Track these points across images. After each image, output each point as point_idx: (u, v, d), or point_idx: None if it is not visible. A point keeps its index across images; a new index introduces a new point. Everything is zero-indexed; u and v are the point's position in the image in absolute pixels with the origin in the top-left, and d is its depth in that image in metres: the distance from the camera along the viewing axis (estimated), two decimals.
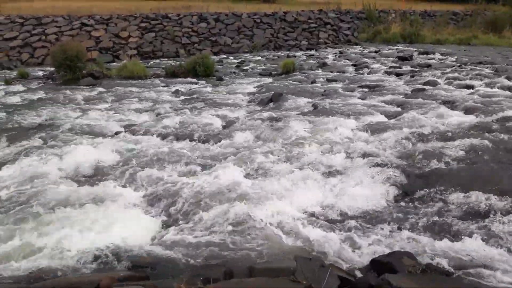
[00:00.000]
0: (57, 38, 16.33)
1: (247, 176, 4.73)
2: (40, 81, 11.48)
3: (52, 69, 12.14)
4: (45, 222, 3.68)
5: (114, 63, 14.82)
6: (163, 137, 6.33)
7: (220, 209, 3.83)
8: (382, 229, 3.63)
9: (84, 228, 3.57)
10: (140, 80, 11.31)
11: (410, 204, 4.12)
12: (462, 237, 3.42)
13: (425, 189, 4.33)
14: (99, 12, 20.00)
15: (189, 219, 3.81)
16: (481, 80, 10.02)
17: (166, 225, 3.80)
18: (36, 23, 17.13)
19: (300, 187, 4.39)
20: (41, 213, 3.84)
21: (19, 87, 10.54)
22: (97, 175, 4.96)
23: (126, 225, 3.64)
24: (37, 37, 16.41)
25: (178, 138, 6.29)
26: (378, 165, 4.86)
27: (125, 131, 6.60)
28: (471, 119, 6.66)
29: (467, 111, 7.17)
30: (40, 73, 12.73)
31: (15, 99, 9.19)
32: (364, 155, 5.19)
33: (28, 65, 14.69)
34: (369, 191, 4.33)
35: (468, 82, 9.83)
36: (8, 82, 11.03)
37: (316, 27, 21.43)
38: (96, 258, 3.15)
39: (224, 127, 6.87)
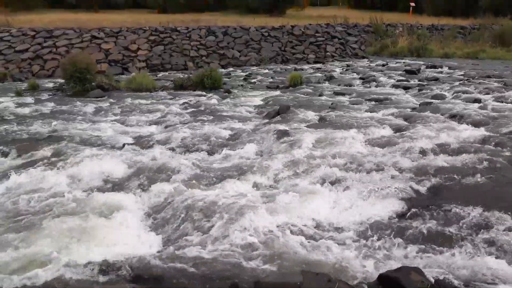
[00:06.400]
0: (68, 50, 16.58)
1: (254, 188, 4.73)
2: (50, 93, 11.64)
3: (62, 81, 12.30)
4: (50, 233, 3.68)
5: (123, 76, 14.99)
6: (171, 149, 6.36)
7: (226, 222, 3.82)
8: (389, 243, 3.59)
9: (90, 240, 3.58)
10: (148, 93, 11.42)
11: (417, 218, 4.08)
12: (472, 252, 3.37)
13: (433, 203, 4.29)
14: (109, 25, 20.31)
15: (195, 232, 3.80)
16: (490, 94, 9.98)
17: (172, 238, 3.80)
18: (47, 36, 17.42)
19: (307, 200, 4.37)
20: (47, 224, 3.84)
21: (29, 99, 10.69)
22: (104, 186, 4.98)
23: (132, 238, 3.64)
24: (48, 49, 16.67)
25: (186, 150, 6.32)
26: (385, 178, 4.84)
27: (133, 143, 6.64)
28: (479, 133, 6.62)
29: (476, 125, 7.13)
30: (50, 85, 12.91)
31: (25, 110, 9.31)
32: (371, 168, 5.17)
33: (39, 77, 14.91)
34: (376, 204, 4.30)
35: (476, 96, 9.79)
36: (19, 93, 11.20)
37: (323, 41, 21.56)
38: (101, 270, 3.15)
39: (231, 139, 6.89)
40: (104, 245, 3.50)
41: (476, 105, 8.81)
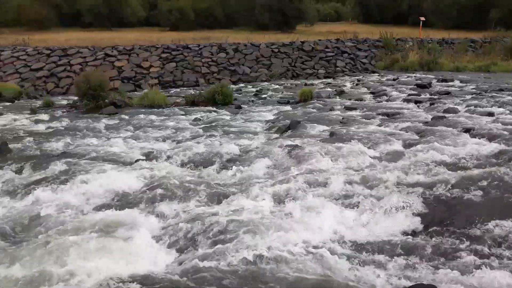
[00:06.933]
0: (82, 68, 16.91)
1: (266, 204, 4.71)
2: (64, 110, 11.84)
3: (76, 98, 12.52)
4: (61, 250, 3.70)
5: (135, 92, 15.21)
6: (183, 164, 6.40)
7: (239, 239, 3.81)
8: (403, 259, 3.54)
9: (101, 257, 3.59)
10: (160, 109, 11.55)
11: (431, 234, 4.02)
12: (486, 269, 3.30)
13: (446, 219, 4.22)
14: (122, 43, 20.70)
15: (207, 248, 3.79)
16: (503, 107, 9.88)
17: (183, 255, 3.79)
18: (62, 54, 17.81)
19: (319, 216, 4.34)
20: (58, 241, 3.86)
21: (44, 116, 10.88)
22: (116, 203, 5.00)
23: (145, 254, 3.65)
24: (63, 67, 17.02)
25: (197, 165, 6.35)
26: (397, 193, 4.78)
27: (146, 159, 6.70)
28: (493, 147, 6.53)
29: (489, 138, 7.04)
30: (64, 102, 13.13)
31: (40, 127, 9.48)
32: (383, 184, 5.12)
33: (53, 95, 15.20)
34: (388, 220, 4.26)
35: (489, 109, 9.69)
36: (33, 111, 11.41)
37: (333, 56, 21.65)
38: (113, 286, 3.15)
39: (242, 154, 6.91)
40: (115, 261, 3.50)
41: (489, 118, 8.72)
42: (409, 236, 4.00)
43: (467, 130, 7.68)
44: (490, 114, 9.10)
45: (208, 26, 37.08)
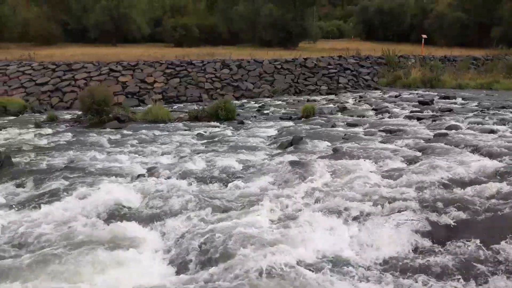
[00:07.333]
0: (86, 83, 17.06)
1: (268, 221, 4.69)
2: (68, 124, 11.91)
3: (80, 112, 12.61)
4: (64, 266, 3.70)
5: (139, 107, 15.31)
6: (185, 179, 6.40)
7: (240, 255, 3.79)
8: (409, 279, 3.51)
9: (105, 271, 3.58)
10: (164, 124, 11.61)
11: (435, 253, 3.99)
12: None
13: (449, 237, 4.19)
14: (126, 59, 20.93)
15: (209, 264, 3.78)
16: (505, 125, 9.89)
17: (185, 270, 3.78)
18: (67, 69, 18.00)
19: (322, 233, 4.32)
20: (61, 256, 3.85)
21: (48, 130, 10.95)
22: (118, 217, 4.99)
23: (147, 269, 3.63)
24: (67, 82, 17.18)
25: (200, 181, 6.35)
26: (400, 211, 4.77)
27: (148, 174, 6.71)
28: (496, 164, 6.51)
29: (492, 156, 7.03)
30: (68, 117, 13.23)
31: (43, 142, 9.53)
32: (386, 201, 5.10)
33: (57, 109, 15.31)
34: (392, 238, 4.22)
35: (491, 126, 9.70)
36: (38, 125, 11.49)
37: (336, 73, 21.79)
38: None
39: (245, 170, 6.92)
40: (118, 276, 3.49)
41: (492, 136, 8.72)
42: (413, 255, 3.97)
43: (470, 148, 7.68)
44: (493, 131, 9.10)
45: (212, 42, 37.50)
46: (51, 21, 36.31)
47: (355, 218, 4.72)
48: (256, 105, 15.90)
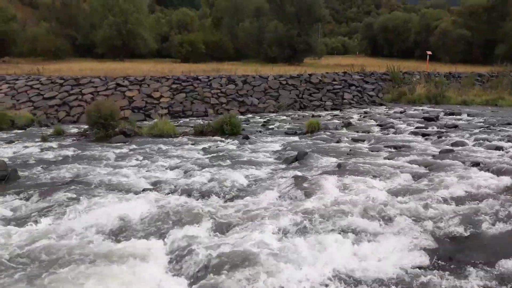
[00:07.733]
0: (93, 97, 17.25)
1: (273, 236, 4.66)
2: (74, 138, 12.01)
3: (86, 126, 12.71)
4: (69, 279, 3.68)
5: (145, 122, 15.42)
6: (189, 194, 6.39)
7: (245, 272, 3.76)
8: None
9: (107, 286, 3.56)
10: (169, 138, 11.67)
11: (440, 270, 3.94)
12: None
13: (455, 254, 4.15)
14: (133, 74, 21.17)
15: (214, 281, 3.75)
16: (511, 141, 9.84)
17: (191, 285, 3.75)
18: (75, 84, 18.23)
19: (327, 250, 4.28)
20: (66, 270, 3.84)
21: (54, 144, 11.03)
22: (123, 232, 4.99)
23: (151, 283, 3.61)
24: (74, 96, 17.38)
25: (204, 195, 6.35)
26: (406, 228, 4.73)
27: (153, 188, 6.72)
28: (502, 181, 6.47)
29: (498, 173, 6.98)
30: (75, 130, 13.34)
31: (49, 155, 9.59)
32: (392, 217, 5.07)
33: (64, 123, 15.47)
34: (398, 255, 4.18)
35: (497, 143, 9.66)
36: (44, 138, 11.58)
37: (340, 88, 21.90)
38: None
39: (249, 185, 6.91)
40: None
41: (498, 152, 8.68)
42: (419, 272, 3.92)
43: (476, 164, 7.63)
44: (499, 148, 9.06)
45: (218, 58, 37.89)
46: (60, 36, 36.93)
47: (360, 235, 4.68)
48: (261, 120, 15.96)
